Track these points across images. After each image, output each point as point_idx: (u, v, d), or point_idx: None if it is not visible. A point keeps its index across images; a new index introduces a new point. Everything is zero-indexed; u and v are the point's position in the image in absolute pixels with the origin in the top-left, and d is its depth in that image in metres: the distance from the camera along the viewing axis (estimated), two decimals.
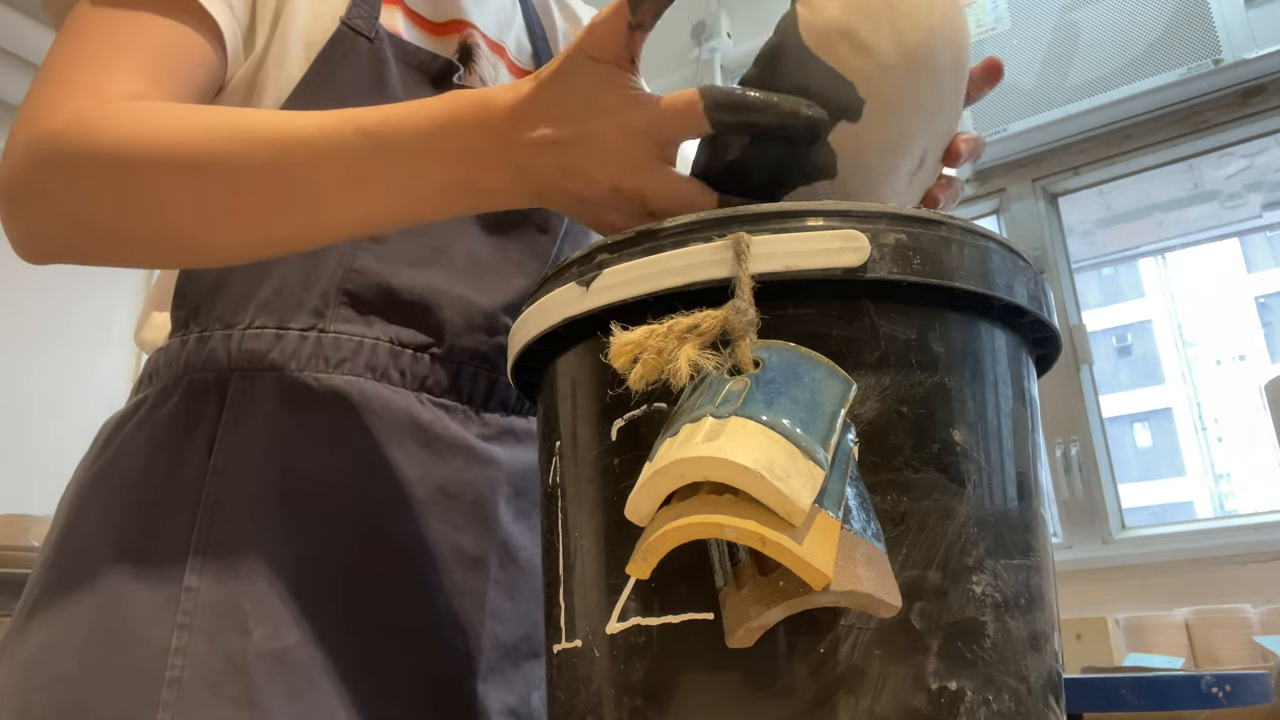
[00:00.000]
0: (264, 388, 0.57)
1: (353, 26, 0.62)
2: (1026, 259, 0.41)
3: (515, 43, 0.76)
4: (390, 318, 0.60)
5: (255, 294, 0.59)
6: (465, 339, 0.62)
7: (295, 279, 0.59)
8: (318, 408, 0.57)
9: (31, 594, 0.55)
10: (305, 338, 0.58)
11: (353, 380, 0.58)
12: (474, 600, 0.59)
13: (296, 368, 0.57)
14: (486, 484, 0.61)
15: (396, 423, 0.59)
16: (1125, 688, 1.04)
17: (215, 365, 0.57)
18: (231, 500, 0.54)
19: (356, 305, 0.60)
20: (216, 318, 0.59)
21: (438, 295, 0.62)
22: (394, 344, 0.60)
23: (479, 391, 0.63)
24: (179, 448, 0.55)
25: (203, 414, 0.56)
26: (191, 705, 0.49)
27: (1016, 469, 0.38)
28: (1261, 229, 5.48)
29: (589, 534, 0.38)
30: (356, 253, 0.60)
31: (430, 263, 0.62)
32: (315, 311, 0.59)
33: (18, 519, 2.07)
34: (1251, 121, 2.17)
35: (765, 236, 0.35)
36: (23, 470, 2.48)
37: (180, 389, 0.58)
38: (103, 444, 0.59)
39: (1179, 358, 18.57)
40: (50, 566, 0.55)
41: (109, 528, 0.54)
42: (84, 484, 0.57)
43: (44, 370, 2.63)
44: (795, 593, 0.30)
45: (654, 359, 0.33)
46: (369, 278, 0.60)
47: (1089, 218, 3.32)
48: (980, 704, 0.34)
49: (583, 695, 0.38)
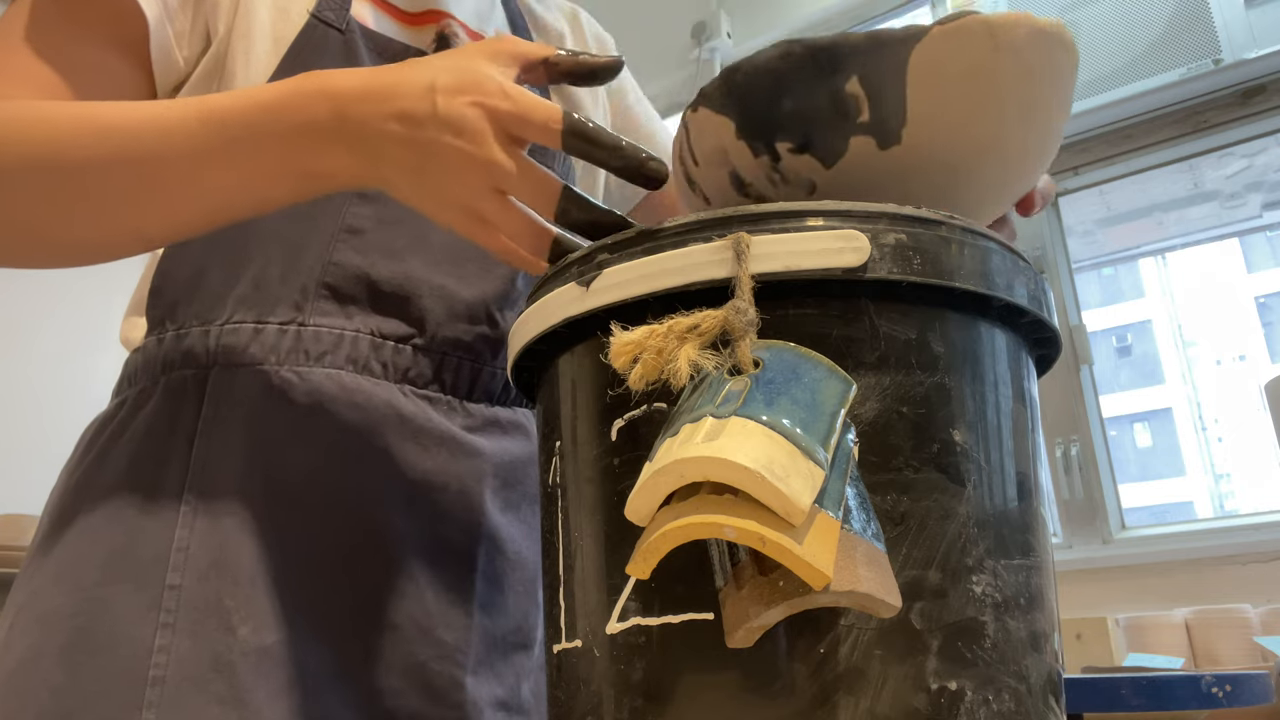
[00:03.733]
0: (243, 384, 0.56)
1: (323, 19, 0.62)
2: (1026, 259, 0.41)
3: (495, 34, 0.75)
4: (370, 309, 0.60)
5: (233, 289, 0.58)
6: (447, 329, 0.62)
7: (273, 273, 0.59)
8: (299, 402, 0.57)
9: (15, 600, 0.55)
10: (284, 331, 0.58)
11: (334, 374, 0.58)
12: (461, 593, 0.59)
13: (276, 362, 0.57)
14: (472, 475, 0.61)
15: (379, 415, 0.58)
16: (1125, 688, 1.04)
17: (193, 362, 0.57)
18: (213, 498, 0.54)
19: (336, 297, 0.59)
20: (194, 314, 0.58)
21: (417, 285, 0.61)
22: (375, 336, 0.60)
23: (462, 382, 0.63)
24: (160, 448, 0.55)
25: (182, 412, 0.56)
26: (176, 704, 0.49)
27: (1016, 469, 0.38)
28: (1261, 229, 5.48)
29: (589, 534, 0.38)
30: (335, 244, 0.59)
31: (409, 252, 0.62)
32: (294, 305, 0.58)
33: (18, 519, 2.07)
34: (1251, 121, 2.17)
35: (765, 236, 0.35)
36: (22, 470, 2.48)
37: (159, 389, 0.57)
38: (84, 448, 0.59)
39: (1179, 358, 18.57)
40: (34, 572, 0.55)
41: (91, 532, 0.54)
42: (67, 489, 0.57)
43: (43, 370, 2.63)
44: (795, 593, 0.30)
45: (654, 359, 0.33)
46: (348, 269, 0.59)
47: (1089, 218, 3.32)
48: (980, 704, 0.34)
49: (583, 695, 0.38)
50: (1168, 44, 2.17)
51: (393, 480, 0.58)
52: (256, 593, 0.52)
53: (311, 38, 0.61)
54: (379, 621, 0.55)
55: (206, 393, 0.56)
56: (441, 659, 0.57)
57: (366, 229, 0.61)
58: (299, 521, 0.55)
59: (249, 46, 0.60)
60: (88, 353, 2.75)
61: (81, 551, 0.53)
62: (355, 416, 0.58)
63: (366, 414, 0.58)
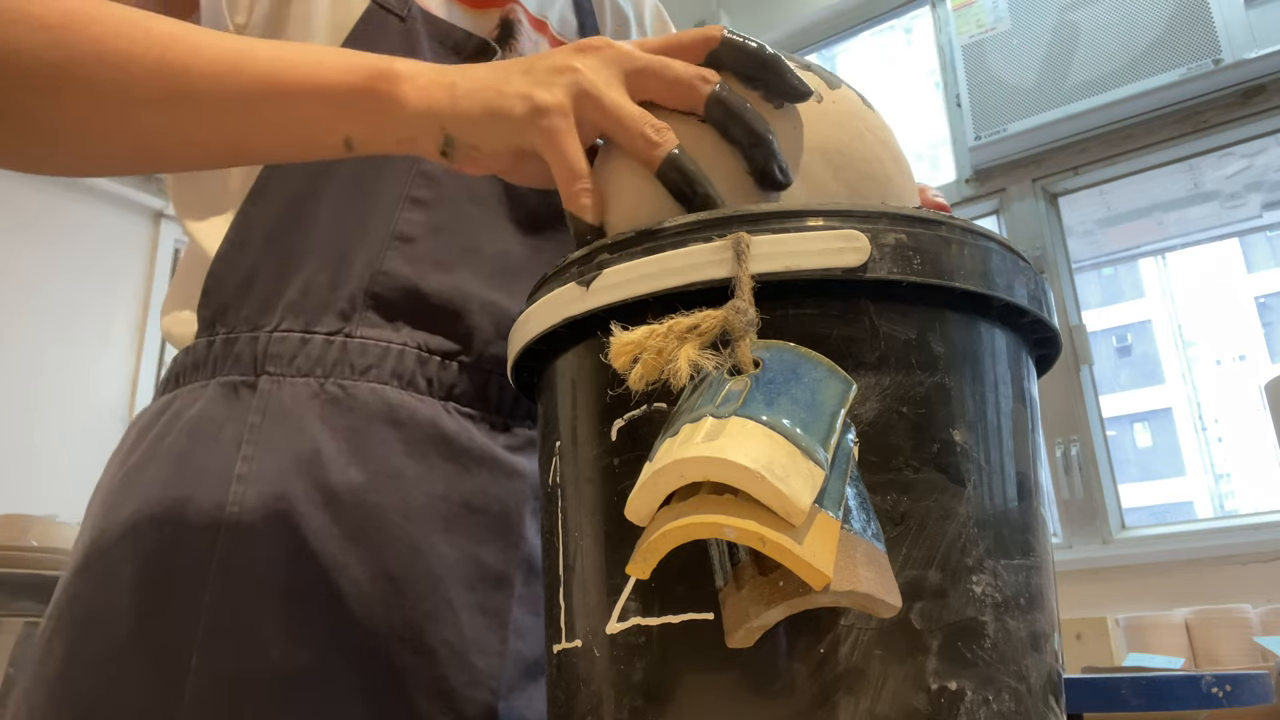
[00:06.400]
0: (290, 395, 0.56)
1: (384, 5, 0.61)
2: (1026, 259, 0.41)
3: (559, 18, 0.74)
4: (418, 323, 0.59)
5: (282, 294, 0.58)
6: (494, 346, 0.61)
7: (322, 280, 0.58)
8: (343, 417, 0.56)
9: (59, 604, 0.54)
10: (331, 342, 0.57)
11: (379, 389, 0.57)
12: (497, 617, 0.58)
13: (323, 374, 0.56)
14: (512, 497, 0.60)
15: (422, 434, 0.57)
16: (1125, 688, 1.04)
17: (242, 368, 0.57)
18: (254, 511, 0.53)
19: (384, 308, 0.58)
20: (244, 319, 0.58)
21: (467, 300, 0.60)
22: (421, 350, 0.59)
23: (507, 401, 0.62)
24: (204, 456, 0.54)
25: (229, 418, 0.55)
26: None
27: (1016, 469, 0.38)
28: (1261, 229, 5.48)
29: (589, 534, 0.38)
30: (385, 253, 0.58)
31: (459, 264, 0.60)
32: (342, 314, 0.57)
33: (18, 519, 2.07)
34: (1251, 121, 2.17)
35: (765, 236, 0.35)
36: (23, 470, 2.49)
37: (207, 393, 0.57)
38: (130, 446, 0.58)
39: (1179, 358, 18.57)
40: (78, 573, 0.54)
41: (132, 540, 0.53)
42: (111, 490, 0.56)
43: (44, 371, 2.63)
44: (795, 593, 0.30)
45: (654, 359, 0.33)
46: (396, 279, 0.58)
47: (1089, 218, 3.33)
48: (980, 704, 0.34)
49: (583, 695, 0.38)
50: (1168, 44, 2.17)
51: (434, 501, 0.57)
52: (292, 612, 0.51)
53: (370, 24, 0.60)
54: (412, 645, 0.54)
55: (254, 401, 0.55)
56: (473, 684, 0.55)
57: (418, 237, 0.60)
58: (337, 539, 0.54)
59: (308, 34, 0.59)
60: (88, 354, 2.75)
61: (121, 559, 0.52)
62: (399, 435, 0.57)
63: (410, 432, 0.57)
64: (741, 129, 0.42)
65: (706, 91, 0.42)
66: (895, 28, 2.98)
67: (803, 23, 2.92)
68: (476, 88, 0.43)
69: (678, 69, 0.43)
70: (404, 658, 0.54)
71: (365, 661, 0.53)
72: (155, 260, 3.00)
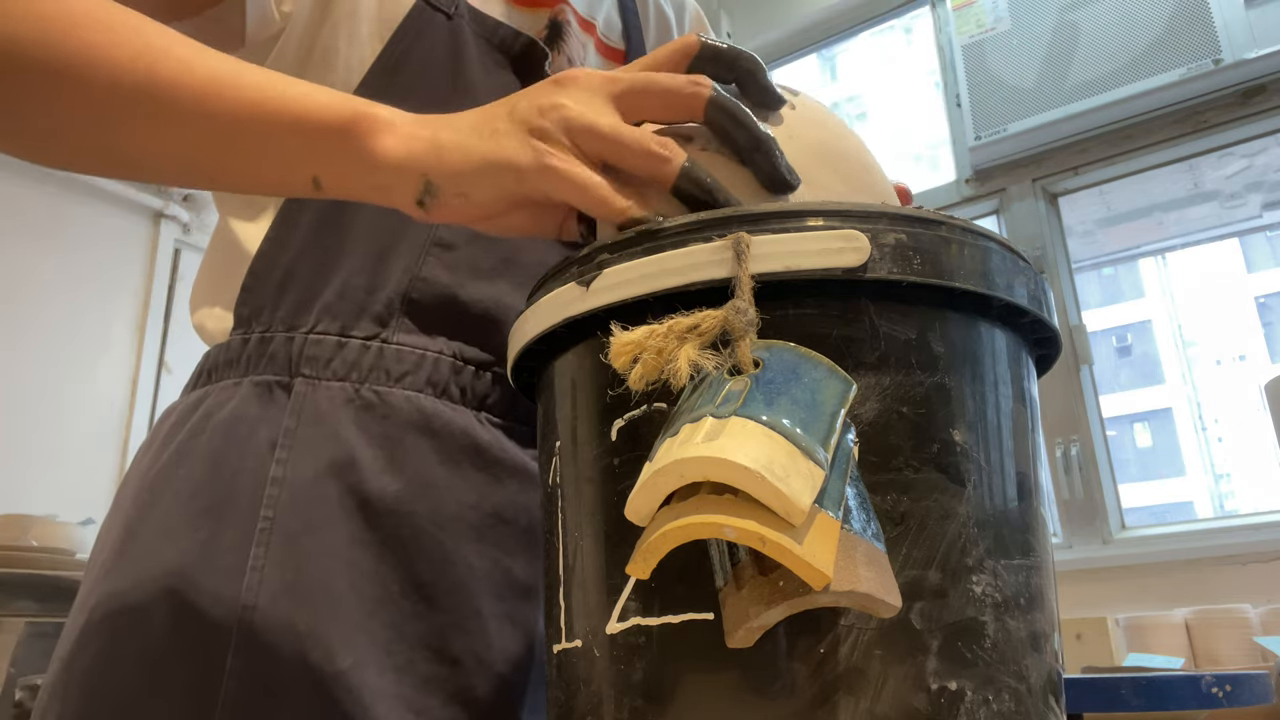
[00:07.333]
0: (325, 399, 0.55)
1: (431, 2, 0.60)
2: (1026, 259, 0.41)
3: (605, 19, 0.74)
4: (454, 332, 0.59)
5: (320, 294, 0.57)
6: None
7: (359, 282, 0.58)
8: (378, 424, 0.56)
9: (89, 600, 0.54)
10: (367, 348, 0.57)
11: (413, 396, 0.57)
12: (524, 628, 0.58)
13: (358, 379, 0.56)
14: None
15: (455, 444, 0.57)
16: (1125, 688, 1.04)
17: (277, 369, 0.56)
18: (289, 516, 0.52)
19: (420, 315, 0.58)
20: (280, 319, 0.57)
21: (504, 310, 0.60)
22: (456, 359, 0.58)
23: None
24: (239, 456, 0.54)
25: (264, 419, 0.55)
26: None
27: (1016, 469, 0.38)
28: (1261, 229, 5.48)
29: (589, 534, 0.38)
30: (424, 258, 0.58)
31: (498, 274, 0.60)
32: (378, 319, 0.57)
33: (18, 519, 2.07)
34: (1251, 121, 2.17)
35: (765, 236, 0.35)
36: (23, 470, 2.48)
37: (240, 391, 0.56)
38: (163, 441, 0.58)
39: (1179, 358, 18.56)
40: (111, 569, 0.54)
41: (166, 540, 0.53)
42: (143, 485, 0.56)
43: (44, 371, 2.63)
44: (795, 593, 0.30)
45: (654, 359, 0.33)
46: (435, 286, 0.58)
47: (1089, 218, 3.32)
48: (980, 704, 0.34)
49: (583, 695, 0.38)
50: (1168, 44, 2.17)
51: (465, 511, 0.57)
52: (327, 618, 0.51)
53: (416, 22, 0.59)
54: (440, 653, 0.54)
55: (289, 404, 0.55)
56: (499, 693, 0.55)
57: (458, 244, 0.59)
58: (370, 546, 0.53)
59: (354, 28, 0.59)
60: (88, 354, 2.75)
61: (155, 560, 0.52)
62: (434, 444, 0.57)
63: (443, 442, 0.57)
64: (744, 133, 0.41)
65: (705, 95, 0.41)
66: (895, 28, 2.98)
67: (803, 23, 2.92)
68: (464, 138, 0.42)
69: (665, 80, 0.42)
70: (430, 665, 0.53)
71: (398, 668, 0.52)
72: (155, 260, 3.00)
